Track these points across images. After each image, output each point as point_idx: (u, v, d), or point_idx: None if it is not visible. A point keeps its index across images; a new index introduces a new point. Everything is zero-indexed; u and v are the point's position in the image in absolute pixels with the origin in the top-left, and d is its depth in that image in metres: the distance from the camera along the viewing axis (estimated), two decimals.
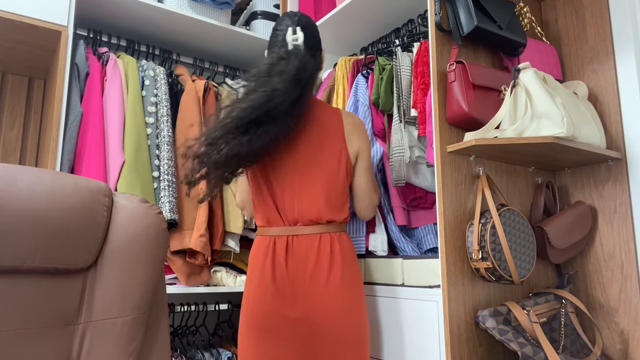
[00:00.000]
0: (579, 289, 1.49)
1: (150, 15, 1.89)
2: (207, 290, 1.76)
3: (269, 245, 1.29)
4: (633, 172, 1.39)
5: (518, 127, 1.23)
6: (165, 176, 1.70)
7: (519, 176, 1.48)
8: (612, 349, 1.39)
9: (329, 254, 1.26)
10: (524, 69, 1.27)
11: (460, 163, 1.33)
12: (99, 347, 0.75)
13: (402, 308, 1.37)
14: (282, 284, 1.25)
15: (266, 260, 1.28)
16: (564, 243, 1.38)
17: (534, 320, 1.23)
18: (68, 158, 1.57)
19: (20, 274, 0.71)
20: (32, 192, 0.72)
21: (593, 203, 1.48)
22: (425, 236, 1.58)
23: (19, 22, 1.53)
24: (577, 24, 1.57)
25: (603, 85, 1.47)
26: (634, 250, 1.36)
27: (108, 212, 0.79)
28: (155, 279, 0.82)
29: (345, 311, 1.23)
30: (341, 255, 1.27)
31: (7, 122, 1.93)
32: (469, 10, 1.33)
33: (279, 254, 1.28)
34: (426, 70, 1.46)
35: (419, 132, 1.44)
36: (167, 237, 0.85)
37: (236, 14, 2.46)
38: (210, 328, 2.12)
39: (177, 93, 1.89)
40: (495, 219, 1.24)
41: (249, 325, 1.26)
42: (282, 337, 1.23)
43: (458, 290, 1.25)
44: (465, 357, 1.23)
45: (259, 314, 1.24)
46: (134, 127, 1.68)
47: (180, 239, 1.71)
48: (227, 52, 2.23)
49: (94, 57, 1.73)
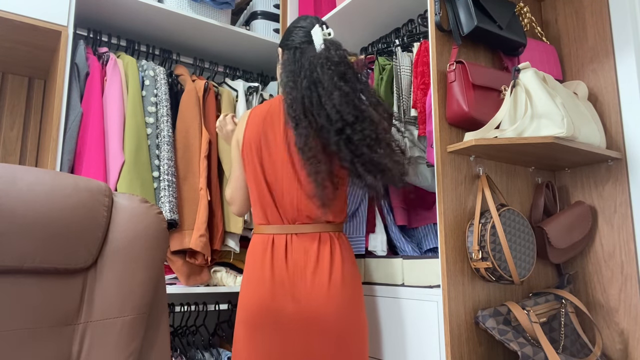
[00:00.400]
0: (579, 289, 1.49)
1: (150, 15, 1.89)
2: (207, 290, 1.76)
3: (268, 243, 1.29)
4: (633, 172, 1.39)
5: (518, 127, 1.23)
6: (165, 176, 1.70)
7: (519, 176, 1.48)
8: (612, 349, 1.39)
9: (329, 252, 1.26)
10: (524, 69, 1.27)
11: (460, 163, 1.33)
12: (99, 347, 0.75)
13: (402, 308, 1.37)
14: (281, 282, 1.25)
15: (265, 257, 1.28)
16: (564, 243, 1.38)
17: (534, 320, 1.23)
18: (68, 158, 1.57)
19: (20, 274, 0.71)
20: (32, 192, 0.72)
21: (593, 203, 1.48)
22: (425, 236, 1.58)
23: (19, 22, 1.53)
24: (577, 24, 1.57)
25: (603, 85, 1.47)
26: (634, 250, 1.36)
27: (108, 212, 0.79)
28: (155, 279, 0.82)
29: (345, 310, 1.23)
30: (341, 255, 1.28)
31: (7, 122, 1.93)
32: (469, 10, 1.33)
33: (278, 251, 1.27)
34: (426, 70, 1.46)
35: (419, 132, 1.44)
36: (167, 237, 0.85)
37: (236, 14, 2.46)
38: (210, 328, 2.12)
39: (177, 93, 1.89)
40: (495, 219, 1.24)
41: (244, 321, 1.26)
42: (279, 334, 1.22)
43: (458, 290, 1.25)
44: (465, 357, 1.23)
45: (256, 311, 1.24)
46: (134, 127, 1.68)
47: (180, 239, 1.71)
48: (227, 52, 2.23)
49: (94, 57, 1.73)
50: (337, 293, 1.23)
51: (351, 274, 1.28)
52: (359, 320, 1.26)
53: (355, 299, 1.27)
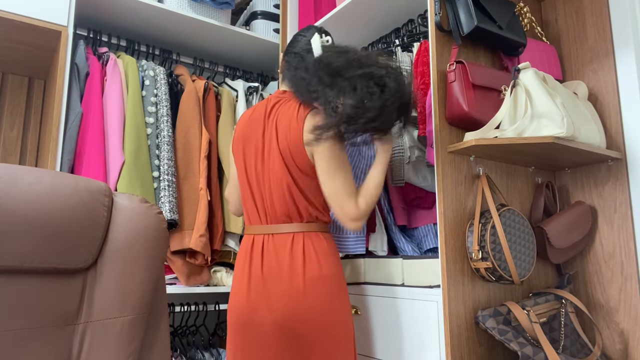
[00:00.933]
0: (579, 289, 1.49)
1: (150, 15, 1.89)
2: (207, 290, 1.76)
3: (249, 244, 1.30)
4: (633, 172, 1.39)
5: (518, 127, 1.23)
6: (165, 176, 1.70)
7: (519, 176, 1.48)
8: (612, 349, 1.39)
9: (301, 255, 1.23)
10: (524, 69, 1.27)
11: (460, 163, 1.33)
12: (99, 347, 0.75)
13: (402, 308, 1.37)
14: (256, 285, 1.24)
15: (245, 259, 1.29)
16: (564, 243, 1.38)
17: (534, 320, 1.23)
18: (68, 158, 1.57)
19: (20, 274, 0.71)
20: (32, 192, 0.72)
21: (593, 203, 1.48)
22: (425, 236, 1.58)
23: (19, 22, 1.53)
24: (577, 24, 1.57)
25: (603, 85, 1.47)
26: (634, 250, 1.36)
27: (108, 212, 0.80)
28: (155, 279, 0.82)
29: (321, 312, 1.20)
30: (316, 256, 1.23)
31: (7, 122, 1.93)
32: (469, 10, 1.33)
33: (256, 253, 1.27)
34: (426, 70, 1.46)
35: (419, 132, 1.44)
36: (167, 237, 0.85)
37: (236, 14, 2.46)
38: (210, 328, 2.12)
39: (177, 93, 1.89)
40: (495, 219, 1.24)
41: (228, 323, 1.30)
42: (255, 338, 1.23)
43: (458, 290, 1.25)
44: (465, 357, 1.23)
45: (234, 313, 1.26)
46: (134, 127, 1.68)
47: (180, 239, 1.71)
48: (227, 52, 2.23)
49: (94, 57, 1.74)
50: (309, 295, 1.20)
51: (328, 275, 1.23)
52: (336, 323, 1.21)
53: (334, 301, 1.22)
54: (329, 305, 1.21)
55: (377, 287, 1.47)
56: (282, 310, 1.20)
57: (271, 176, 1.29)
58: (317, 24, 1.92)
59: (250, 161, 1.35)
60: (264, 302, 1.22)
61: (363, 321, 1.49)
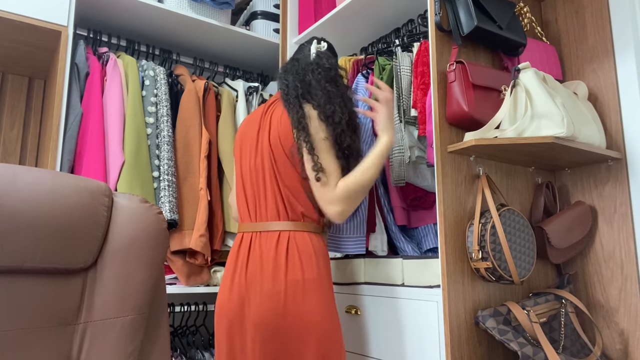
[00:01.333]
0: (579, 289, 1.49)
1: (150, 15, 1.89)
2: (207, 290, 1.76)
3: (237, 242, 1.31)
4: (633, 172, 1.39)
5: (518, 127, 1.23)
6: (165, 176, 1.70)
7: (519, 176, 1.48)
8: (612, 349, 1.39)
9: (284, 256, 1.22)
10: (524, 69, 1.27)
11: (460, 163, 1.33)
12: (99, 347, 0.75)
13: (402, 308, 1.37)
14: (239, 285, 1.24)
15: (232, 258, 1.29)
16: (564, 243, 1.38)
17: (534, 320, 1.23)
18: (68, 158, 1.57)
19: (21, 274, 0.71)
20: (32, 192, 0.72)
21: (593, 203, 1.48)
22: (425, 236, 1.58)
23: (19, 22, 1.53)
24: (577, 24, 1.57)
25: (603, 85, 1.47)
26: (634, 250, 1.36)
27: (108, 212, 0.79)
28: (155, 279, 0.82)
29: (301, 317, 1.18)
30: (299, 258, 1.22)
31: (7, 122, 1.93)
32: (469, 10, 1.33)
33: (242, 252, 1.27)
34: (426, 70, 1.46)
35: (419, 132, 1.44)
36: (167, 237, 0.85)
37: (236, 14, 2.46)
38: (210, 328, 2.12)
39: (177, 93, 1.89)
40: (495, 219, 1.24)
41: (215, 320, 1.30)
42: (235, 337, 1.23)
43: (458, 290, 1.25)
44: (465, 357, 1.23)
45: (218, 312, 1.27)
46: (134, 127, 1.68)
47: (180, 239, 1.71)
48: (227, 52, 2.23)
49: (94, 57, 1.74)
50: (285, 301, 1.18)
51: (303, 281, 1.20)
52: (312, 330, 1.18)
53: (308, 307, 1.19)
54: (311, 309, 1.19)
55: (377, 287, 1.47)
56: (261, 313, 1.19)
57: (261, 171, 1.31)
58: (317, 24, 1.92)
59: (245, 159, 1.37)
60: (245, 303, 1.22)
61: (363, 321, 1.49)
